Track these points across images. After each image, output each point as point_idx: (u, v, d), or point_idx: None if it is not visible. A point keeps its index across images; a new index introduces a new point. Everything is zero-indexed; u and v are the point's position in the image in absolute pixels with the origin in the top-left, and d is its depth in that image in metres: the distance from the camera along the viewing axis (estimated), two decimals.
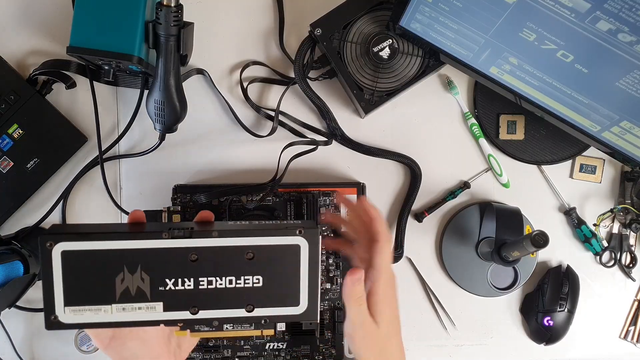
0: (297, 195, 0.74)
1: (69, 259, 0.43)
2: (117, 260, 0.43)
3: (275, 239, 0.44)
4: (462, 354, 0.81)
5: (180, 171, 0.80)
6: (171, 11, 0.67)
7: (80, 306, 0.43)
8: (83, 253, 0.43)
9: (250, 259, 0.44)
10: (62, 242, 0.42)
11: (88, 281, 0.43)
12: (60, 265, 0.43)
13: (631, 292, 0.81)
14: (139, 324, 0.44)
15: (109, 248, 0.43)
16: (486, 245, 0.78)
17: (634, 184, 0.78)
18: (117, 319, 0.44)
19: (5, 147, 0.76)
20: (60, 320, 0.43)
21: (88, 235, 0.43)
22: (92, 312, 0.43)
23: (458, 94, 0.80)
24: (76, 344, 0.77)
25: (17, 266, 0.71)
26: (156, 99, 0.71)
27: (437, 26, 0.67)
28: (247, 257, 0.44)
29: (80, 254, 0.43)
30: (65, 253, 0.43)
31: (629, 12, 0.52)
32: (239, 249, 0.44)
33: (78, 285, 0.43)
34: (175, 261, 0.44)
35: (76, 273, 0.43)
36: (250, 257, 0.44)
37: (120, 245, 0.43)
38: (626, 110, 0.63)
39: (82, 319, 0.43)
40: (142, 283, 0.44)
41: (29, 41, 0.79)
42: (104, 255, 0.43)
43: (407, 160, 0.79)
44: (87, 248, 0.43)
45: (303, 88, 0.77)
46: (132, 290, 0.44)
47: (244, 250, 0.44)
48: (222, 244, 0.44)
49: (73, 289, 0.43)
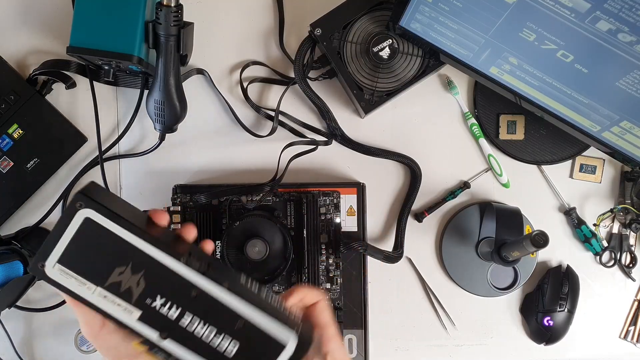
0: (297, 195, 0.74)
1: (87, 227, 0.43)
2: (127, 255, 0.43)
3: (269, 323, 0.44)
4: (462, 354, 0.81)
5: (180, 171, 0.80)
6: (171, 11, 0.67)
7: (70, 271, 0.43)
8: (103, 229, 0.43)
9: (238, 329, 0.44)
10: (90, 210, 0.42)
11: (91, 255, 0.43)
12: (77, 227, 0.43)
13: (631, 292, 0.81)
14: (108, 316, 0.44)
15: (128, 241, 0.43)
16: (486, 245, 0.78)
17: (634, 184, 0.78)
18: (93, 300, 0.44)
19: (5, 147, 0.76)
20: (45, 271, 0.43)
21: (118, 218, 0.43)
22: (76, 282, 0.43)
23: (458, 94, 0.80)
24: (76, 344, 0.77)
25: (17, 266, 0.71)
26: (156, 99, 0.71)
27: (437, 26, 0.67)
28: (237, 325, 0.44)
29: (100, 228, 0.43)
30: (88, 220, 0.43)
31: (629, 12, 0.52)
32: (234, 314, 0.44)
33: (80, 253, 0.43)
34: (176, 286, 0.44)
35: (85, 242, 0.43)
36: (239, 327, 0.44)
37: (138, 244, 0.43)
38: (626, 110, 0.63)
39: (64, 281, 0.43)
40: (135, 285, 0.44)
41: (29, 41, 0.79)
42: (119, 244, 0.43)
43: (407, 160, 0.79)
44: (109, 228, 0.43)
45: (303, 88, 0.77)
46: (122, 286, 0.44)
47: (237, 317, 0.44)
48: (224, 300, 0.44)
49: (73, 254, 0.43)
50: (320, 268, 0.73)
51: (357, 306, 0.75)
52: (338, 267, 0.74)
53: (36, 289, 0.79)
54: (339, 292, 0.74)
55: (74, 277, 0.44)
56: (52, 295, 0.79)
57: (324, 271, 0.73)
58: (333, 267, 0.74)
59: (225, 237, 0.71)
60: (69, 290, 0.44)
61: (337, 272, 0.74)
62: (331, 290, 0.74)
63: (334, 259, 0.74)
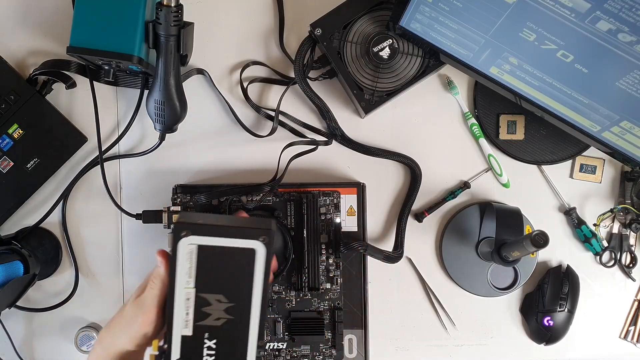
0: (297, 195, 0.74)
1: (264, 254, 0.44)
2: (236, 294, 0.44)
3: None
4: (462, 354, 0.81)
5: (180, 171, 0.80)
6: (171, 11, 0.67)
7: (196, 260, 0.44)
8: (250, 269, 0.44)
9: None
10: None
11: (219, 269, 0.44)
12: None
13: (631, 292, 0.81)
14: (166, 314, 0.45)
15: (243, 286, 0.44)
16: (486, 245, 0.78)
17: (634, 184, 0.78)
18: (177, 292, 0.45)
19: (5, 147, 0.76)
20: (182, 238, 0.44)
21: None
22: (187, 270, 0.44)
23: (458, 94, 0.80)
24: (76, 344, 0.77)
25: (17, 266, 0.71)
26: (156, 99, 0.71)
27: (437, 26, 0.67)
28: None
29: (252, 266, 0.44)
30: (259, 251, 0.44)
31: (629, 12, 0.52)
32: None
33: (215, 259, 0.44)
34: (233, 343, 0.45)
35: (223, 260, 0.44)
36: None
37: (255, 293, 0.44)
38: (626, 110, 0.63)
39: (181, 258, 0.44)
40: (214, 318, 0.45)
41: (29, 41, 0.79)
42: (241, 279, 0.44)
43: (407, 160, 0.79)
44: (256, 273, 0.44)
45: (303, 88, 0.77)
46: (207, 308, 0.44)
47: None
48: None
49: (211, 254, 0.43)
50: (320, 268, 0.73)
51: (357, 306, 0.75)
52: (338, 267, 0.74)
53: (36, 289, 0.79)
54: (339, 292, 0.74)
55: (191, 266, 0.43)
56: (52, 295, 0.79)
57: (324, 271, 0.73)
58: (333, 267, 0.74)
59: None
60: (174, 268, 0.44)
61: (337, 272, 0.74)
62: (331, 290, 0.74)
63: (334, 259, 0.74)
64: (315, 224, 0.73)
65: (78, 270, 0.79)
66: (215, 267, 0.43)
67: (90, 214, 0.79)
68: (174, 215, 0.53)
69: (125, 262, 0.80)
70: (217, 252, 0.43)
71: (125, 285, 0.79)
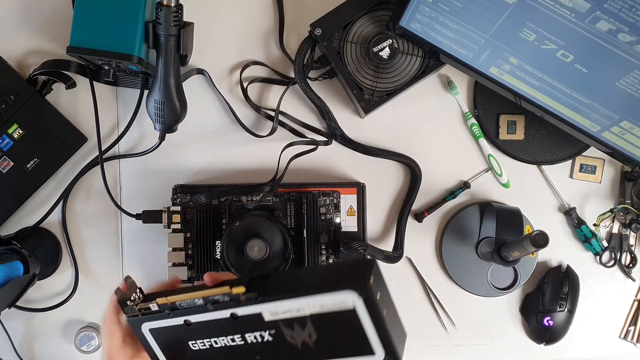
0: (297, 195, 0.74)
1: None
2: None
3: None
4: (462, 354, 0.81)
5: (180, 171, 0.80)
6: (171, 11, 0.67)
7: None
8: None
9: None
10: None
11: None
12: None
13: (631, 292, 0.81)
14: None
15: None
16: (486, 245, 0.78)
17: (634, 184, 0.78)
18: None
19: (5, 147, 0.76)
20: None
21: None
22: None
23: (458, 94, 0.80)
24: (76, 344, 0.77)
25: (17, 266, 0.71)
26: (156, 99, 0.71)
27: (437, 26, 0.67)
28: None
29: None
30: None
31: (629, 12, 0.52)
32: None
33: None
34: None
35: None
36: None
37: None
38: (626, 110, 0.63)
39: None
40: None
41: (29, 41, 0.79)
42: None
43: (407, 160, 0.79)
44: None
45: (303, 88, 0.77)
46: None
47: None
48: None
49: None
50: None
51: None
52: None
53: (36, 289, 0.79)
54: None
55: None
56: (52, 295, 0.79)
57: None
58: None
59: (225, 237, 0.71)
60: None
61: None
62: None
63: (334, 259, 0.74)
64: (315, 224, 0.73)
65: (78, 270, 0.79)
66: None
67: (90, 214, 0.79)
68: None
69: (125, 262, 0.80)
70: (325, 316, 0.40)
71: None
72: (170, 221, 0.72)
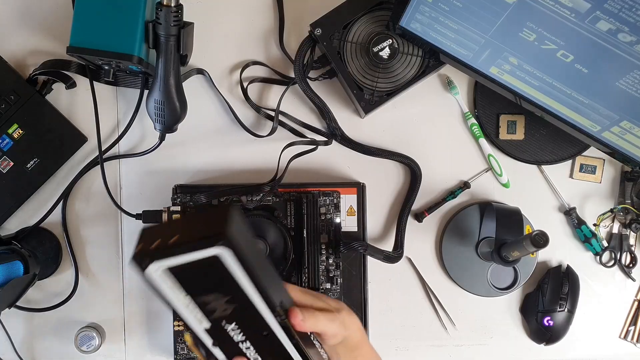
0: (297, 195, 0.74)
1: (214, 261, 0.41)
2: (232, 290, 0.43)
3: None
4: (462, 354, 0.81)
5: (180, 171, 0.80)
6: (171, 11, 0.67)
7: (172, 279, 0.43)
8: (226, 269, 0.42)
9: None
10: (229, 251, 0.40)
11: (200, 276, 0.43)
12: (204, 257, 0.41)
13: (631, 292, 0.81)
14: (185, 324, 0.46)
15: (243, 288, 0.43)
16: (486, 245, 0.78)
17: (634, 184, 0.78)
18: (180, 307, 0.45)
19: (5, 147, 0.76)
20: (146, 271, 0.42)
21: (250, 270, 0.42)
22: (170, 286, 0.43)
23: (458, 94, 0.80)
24: (76, 344, 0.77)
25: (17, 266, 0.71)
26: (156, 99, 0.71)
27: (437, 26, 0.67)
28: None
29: (224, 267, 0.42)
30: (218, 257, 0.41)
31: (629, 12, 0.52)
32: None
33: (192, 272, 0.42)
34: (255, 321, 0.45)
35: (202, 268, 0.42)
36: None
37: (249, 291, 0.43)
38: (626, 110, 0.63)
39: (159, 283, 0.43)
40: (221, 310, 0.45)
41: (29, 41, 0.79)
42: (231, 282, 0.43)
43: (407, 160, 0.79)
44: (233, 272, 0.42)
45: (303, 88, 0.77)
46: (209, 306, 0.44)
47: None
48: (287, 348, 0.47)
49: (185, 270, 0.42)
50: (320, 268, 0.73)
51: (357, 306, 0.75)
52: (338, 267, 0.74)
53: (36, 289, 0.79)
54: (339, 292, 0.74)
55: (173, 284, 0.43)
56: (52, 295, 0.79)
57: (324, 271, 0.73)
58: (333, 267, 0.74)
59: None
60: (158, 292, 0.43)
61: (337, 272, 0.74)
62: (331, 290, 0.74)
63: (334, 259, 0.74)
64: (315, 224, 0.73)
65: (78, 270, 0.79)
66: (195, 276, 0.43)
67: (90, 214, 0.79)
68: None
69: (125, 262, 0.80)
70: (187, 266, 0.42)
71: (125, 285, 0.79)
72: (171, 220, 0.72)
